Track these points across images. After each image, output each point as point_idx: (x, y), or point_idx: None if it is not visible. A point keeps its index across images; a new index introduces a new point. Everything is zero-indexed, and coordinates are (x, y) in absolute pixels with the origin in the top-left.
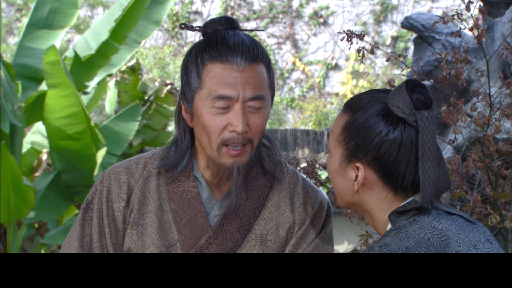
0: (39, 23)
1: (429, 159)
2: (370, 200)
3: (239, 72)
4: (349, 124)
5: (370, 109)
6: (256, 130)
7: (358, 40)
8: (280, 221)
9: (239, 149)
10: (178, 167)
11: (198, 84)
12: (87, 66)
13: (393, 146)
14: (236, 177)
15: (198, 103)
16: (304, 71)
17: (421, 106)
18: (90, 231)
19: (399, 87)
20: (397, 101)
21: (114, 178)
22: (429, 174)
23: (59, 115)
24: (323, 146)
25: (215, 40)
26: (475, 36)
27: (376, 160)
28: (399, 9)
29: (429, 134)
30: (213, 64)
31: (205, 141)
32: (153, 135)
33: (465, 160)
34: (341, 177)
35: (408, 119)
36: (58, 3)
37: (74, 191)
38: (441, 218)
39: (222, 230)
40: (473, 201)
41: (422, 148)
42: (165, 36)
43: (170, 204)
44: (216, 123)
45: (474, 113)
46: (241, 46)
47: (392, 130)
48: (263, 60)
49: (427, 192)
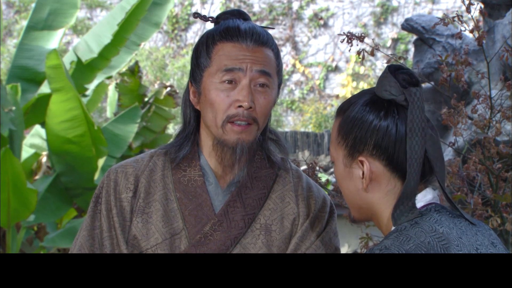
0: (38, 24)
1: (417, 135)
2: (378, 197)
3: (248, 51)
4: (342, 123)
5: (358, 101)
6: (261, 111)
7: (359, 42)
8: (284, 212)
9: (244, 125)
10: (181, 150)
11: (207, 62)
12: (88, 69)
13: (389, 130)
14: (239, 155)
15: (207, 80)
16: (304, 73)
17: (408, 84)
18: (100, 223)
19: (383, 73)
20: (384, 85)
21: (121, 171)
22: (416, 150)
23: (60, 119)
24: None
25: (227, 25)
26: (476, 38)
27: (376, 147)
28: (399, 11)
29: (417, 110)
30: (223, 44)
31: (210, 119)
32: (152, 138)
33: (466, 162)
34: (349, 180)
35: (398, 99)
36: (58, 4)
37: (74, 194)
38: (443, 221)
39: (226, 217)
40: (473, 204)
41: (411, 123)
42: (165, 38)
43: (175, 193)
44: (222, 99)
45: (475, 115)
46: (252, 30)
47: (384, 114)
48: (272, 47)
49: (413, 167)
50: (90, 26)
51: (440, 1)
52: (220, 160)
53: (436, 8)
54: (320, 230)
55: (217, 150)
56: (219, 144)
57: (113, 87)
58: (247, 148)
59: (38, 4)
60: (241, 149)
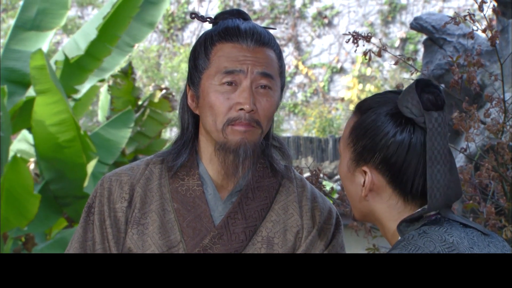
0: (26, 24)
1: (438, 163)
2: (380, 207)
3: (248, 51)
4: (357, 125)
5: (379, 109)
6: (263, 113)
7: (365, 42)
8: (287, 224)
9: (247, 125)
10: (179, 158)
11: (206, 64)
12: (77, 68)
13: (401, 148)
14: (243, 158)
15: (205, 82)
16: (308, 75)
17: (431, 106)
18: (92, 235)
19: (409, 86)
20: (406, 101)
21: (115, 179)
22: (438, 179)
23: (47, 123)
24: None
25: (226, 25)
26: (489, 37)
27: (383, 162)
28: (408, 9)
29: (438, 136)
30: (222, 44)
31: (210, 124)
32: (147, 143)
33: (478, 169)
34: (350, 183)
35: (417, 120)
36: (47, 4)
37: (63, 203)
38: (453, 230)
39: (227, 229)
40: (486, 213)
41: (430, 150)
42: (160, 38)
43: (172, 203)
44: (222, 102)
45: (488, 120)
46: (252, 30)
47: (400, 131)
48: (274, 48)
49: (435, 197)
50: (81, 25)
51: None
52: (222, 165)
53: (447, 6)
54: (326, 244)
55: (219, 156)
56: (221, 149)
57: (105, 90)
58: (251, 151)
59: (26, 2)
60: (244, 150)
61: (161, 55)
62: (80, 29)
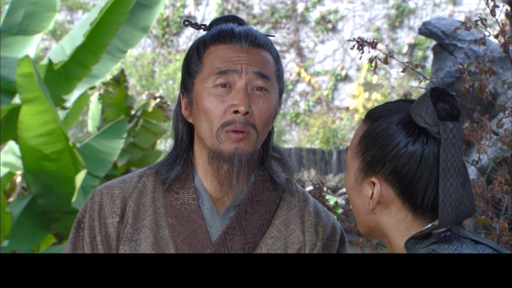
0: (12, 29)
1: (451, 176)
2: (388, 222)
3: (243, 52)
4: (367, 133)
5: (391, 117)
6: (260, 117)
7: (371, 49)
8: (289, 241)
9: (241, 134)
10: (173, 170)
11: (199, 67)
12: (63, 76)
13: (413, 159)
14: (237, 168)
15: (198, 86)
16: (310, 83)
17: (446, 116)
18: (82, 251)
19: (423, 95)
20: (420, 110)
21: (106, 193)
22: (451, 193)
23: (35, 133)
24: (331, 167)
25: (220, 28)
26: (501, 43)
27: (393, 174)
28: (416, 14)
29: (453, 148)
30: (216, 46)
31: (205, 130)
32: (140, 155)
33: (491, 183)
34: (357, 195)
35: (431, 130)
36: (35, 6)
37: (52, 218)
38: (464, 248)
39: (224, 246)
40: (499, 229)
41: (444, 162)
42: (154, 44)
43: (167, 219)
44: (216, 105)
45: (501, 130)
46: (247, 32)
47: (412, 141)
48: (270, 50)
49: (447, 213)
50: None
51: (462, 2)
52: (216, 175)
53: (457, 11)
54: None
55: (213, 164)
56: (215, 157)
57: (96, 99)
58: (246, 160)
59: (12, 6)
60: (238, 160)
61: (155, 61)
62: (68, 35)
